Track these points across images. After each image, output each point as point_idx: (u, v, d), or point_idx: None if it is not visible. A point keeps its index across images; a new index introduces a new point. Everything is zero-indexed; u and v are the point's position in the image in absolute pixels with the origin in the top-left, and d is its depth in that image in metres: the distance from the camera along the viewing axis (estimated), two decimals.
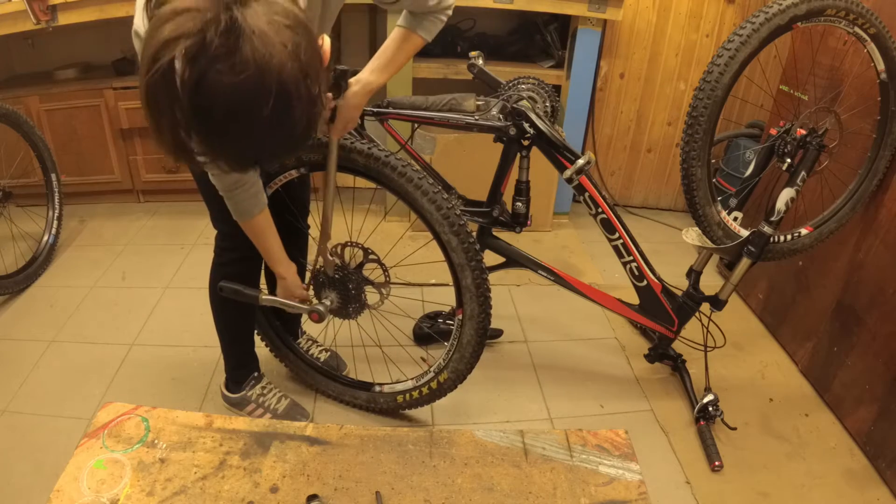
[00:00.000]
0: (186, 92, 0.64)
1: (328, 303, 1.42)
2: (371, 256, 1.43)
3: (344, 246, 1.42)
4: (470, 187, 1.75)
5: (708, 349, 1.77)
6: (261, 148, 0.72)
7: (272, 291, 1.59)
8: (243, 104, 0.66)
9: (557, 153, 1.50)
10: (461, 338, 1.46)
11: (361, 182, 1.43)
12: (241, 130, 0.69)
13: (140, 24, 0.91)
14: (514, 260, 1.67)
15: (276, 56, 0.64)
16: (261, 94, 0.65)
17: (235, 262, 1.41)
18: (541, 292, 2.26)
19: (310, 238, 1.69)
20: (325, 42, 0.81)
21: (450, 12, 1.22)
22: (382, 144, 1.40)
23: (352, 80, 1.24)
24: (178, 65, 0.62)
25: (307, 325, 1.85)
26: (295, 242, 1.60)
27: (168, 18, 0.62)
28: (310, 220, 1.67)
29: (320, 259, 1.42)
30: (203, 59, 0.63)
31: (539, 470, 1.33)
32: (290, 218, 1.54)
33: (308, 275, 1.50)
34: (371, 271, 1.45)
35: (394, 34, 1.24)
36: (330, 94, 1.20)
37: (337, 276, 1.43)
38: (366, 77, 1.24)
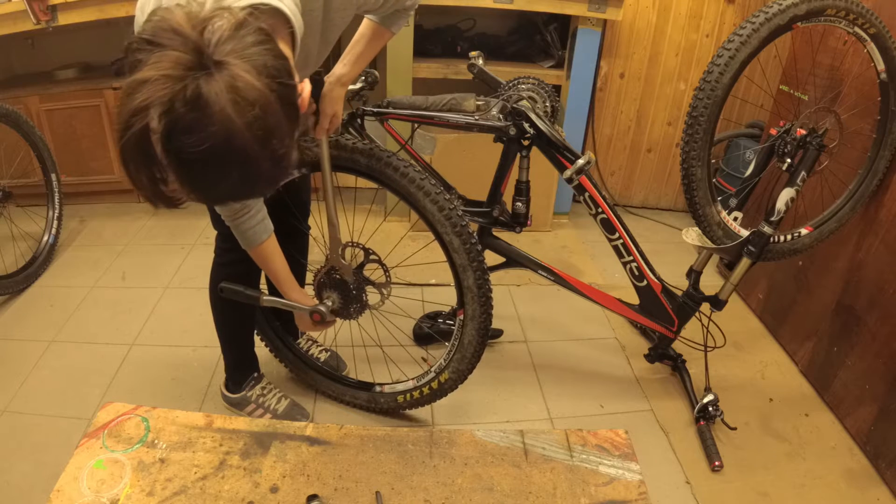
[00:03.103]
0: (159, 153, 0.68)
1: (329, 303, 1.42)
2: (372, 257, 1.44)
3: (345, 246, 1.42)
4: (470, 187, 1.75)
5: (708, 349, 1.77)
6: (232, 195, 0.76)
7: (272, 292, 1.59)
8: (211, 168, 0.69)
9: (557, 153, 1.50)
10: (462, 338, 1.46)
11: (362, 182, 1.43)
12: (210, 186, 0.72)
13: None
14: (514, 260, 1.67)
15: (238, 125, 0.66)
16: (225, 160, 0.68)
17: (236, 262, 1.41)
18: (541, 292, 2.27)
19: (309, 238, 1.69)
20: (305, 90, 0.82)
21: (416, 7, 1.26)
22: (382, 144, 1.40)
23: (326, 77, 1.28)
24: (152, 124, 0.65)
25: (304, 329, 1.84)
26: (295, 243, 1.60)
27: (138, 87, 0.65)
28: (310, 221, 1.67)
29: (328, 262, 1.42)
30: (171, 127, 0.65)
31: (539, 470, 1.33)
32: (292, 219, 1.54)
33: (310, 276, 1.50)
34: (372, 271, 1.45)
35: (364, 29, 1.27)
36: (311, 99, 1.24)
37: (337, 276, 1.43)
38: (339, 70, 1.29)
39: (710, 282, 1.85)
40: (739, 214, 1.62)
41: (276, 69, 0.71)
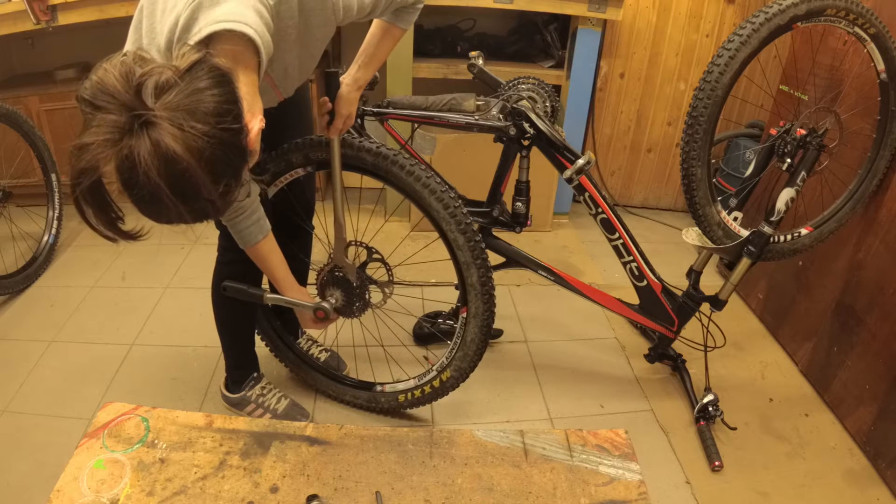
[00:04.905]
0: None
1: (333, 301, 1.42)
2: (375, 256, 1.44)
3: (349, 245, 1.43)
4: (470, 187, 1.75)
5: (708, 349, 1.77)
6: (180, 223, 0.82)
7: (274, 291, 1.59)
8: (150, 209, 0.76)
9: (557, 153, 1.50)
10: (465, 335, 1.47)
11: (367, 182, 1.44)
12: (155, 219, 0.80)
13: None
14: (515, 260, 1.67)
15: (162, 186, 0.72)
16: (159, 207, 0.75)
17: (238, 261, 1.41)
18: (541, 292, 2.27)
19: (313, 237, 1.69)
20: (254, 129, 0.86)
21: (422, 2, 1.26)
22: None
23: (342, 78, 1.30)
24: (105, 173, 0.72)
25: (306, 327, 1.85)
26: (299, 242, 1.61)
27: (82, 151, 0.71)
28: (313, 220, 1.67)
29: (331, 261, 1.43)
30: (117, 179, 0.72)
31: (539, 470, 1.33)
32: (296, 218, 1.54)
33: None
34: (374, 271, 1.45)
35: (374, 28, 1.27)
36: (326, 98, 1.27)
37: (340, 275, 1.43)
38: (354, 73, 1.30)
39: (710, 282, 1.85)
40: (739, 214, 1.62)
41: (220, 115, 0.75)
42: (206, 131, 0.73)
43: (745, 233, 1.56)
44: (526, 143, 1.54)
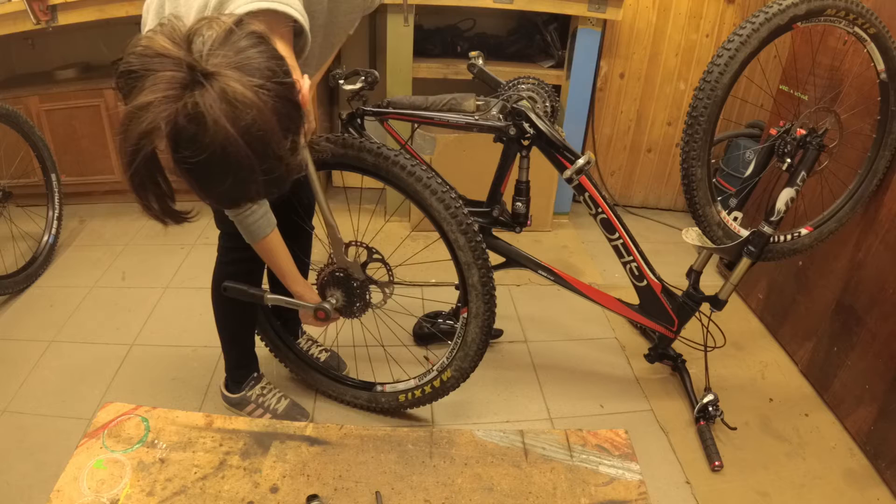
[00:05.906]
0: (170, 163, 0.72)
1: (333, 301, 1.42)
2: (375, 256, 1.44)
3: (348, 245, 1.43)
4: (470, 187, 1.75)
5: (708, 349, 1.77)
6: (241, 196, 0.80)
7: (274, 291, 1.59)
8: (214, 173, 0.72)
9: (557, 153, 1.50)
10: (466, 336, 1.47)
11: (368, 182, 1.44)
12: (215, 188, 0.75)
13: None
14: (515, 260, 1.67)
15: (233, 134, 0.69)
16: (225, 166, 0.71)
17: (239, 261, 1.41)
18: (541, 292, 2.27)
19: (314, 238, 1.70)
20: (304, 86, 0.83)
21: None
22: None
23: None
24: (160, 144, 0.69)
25: (307, 325, 1.85)
26: (299, 242, 1.61)
27: (140, 112, 0.67)
28: (315, 220, 1.67)
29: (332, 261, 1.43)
30: (175, 141, 0.69)
31: (539, 470, 1.33)
32: (296, 218, 1.54)
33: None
34: (374, 271, 1.45)
35: None
36: None
37: (340, 275, 1.43)
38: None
39: (710, 282, 1.85)
40: (739, 214, 1.62)
41: (271, 69, 0.73)
42: (262, 84, 0.71)
43: (745, 233, 1.56)
44: (526, 143, 1.54)
